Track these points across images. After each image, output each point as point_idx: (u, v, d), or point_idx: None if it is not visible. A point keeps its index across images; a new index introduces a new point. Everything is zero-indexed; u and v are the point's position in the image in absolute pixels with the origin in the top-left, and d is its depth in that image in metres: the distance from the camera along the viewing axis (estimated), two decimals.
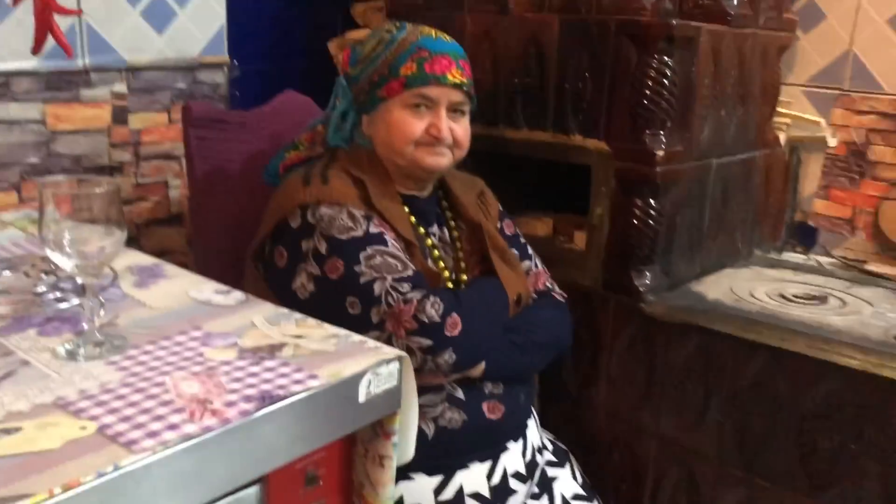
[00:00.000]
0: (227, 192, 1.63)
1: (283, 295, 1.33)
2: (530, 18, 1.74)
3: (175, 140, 1.93)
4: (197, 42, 1.94)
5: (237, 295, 1.13)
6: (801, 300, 1.68)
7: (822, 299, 1.68)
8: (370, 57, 1.42)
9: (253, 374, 0.88)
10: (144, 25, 1.85)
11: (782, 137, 2.05)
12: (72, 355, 0.92)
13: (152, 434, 0.75)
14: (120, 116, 1.84)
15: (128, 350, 0.93)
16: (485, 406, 1.38)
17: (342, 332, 1.02)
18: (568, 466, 1.56)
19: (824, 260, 2.04)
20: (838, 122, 2.07)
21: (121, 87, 1.83)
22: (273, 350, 0.95)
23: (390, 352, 0.96)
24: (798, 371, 1.46)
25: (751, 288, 1.74)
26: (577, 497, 1.52)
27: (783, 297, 1.69)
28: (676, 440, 1.64)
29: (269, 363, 0.91)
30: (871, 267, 1.93)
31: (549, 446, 1.57)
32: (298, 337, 0.99)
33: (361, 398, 0.91)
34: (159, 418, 0.78)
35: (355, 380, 0.90)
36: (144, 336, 0.97)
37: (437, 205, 1.52)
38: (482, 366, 1.35)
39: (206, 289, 1.14)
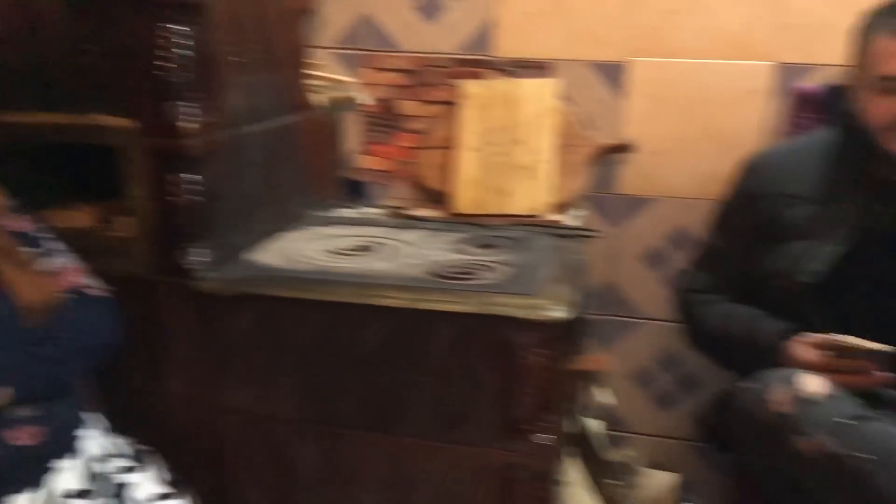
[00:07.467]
0: None
1: None
2: None
3: None
4: None
5: None
6: (350, 252, 1.76)
7: (369, 248, 1.79)
8: None
9: None
10: None
11: (323, 99, 2.11)
12: None
13: None
14: None
15: None
16: (12, 433, 1.23)
17: None
18: (148, 468, 1.47)
19: (375, 212, 2.17)
20: (368, 81, 2.20)
21: None
22: None
23: None
24: (352, 320, 1.53)
25: (301, 248, 1.78)
26: (157, 498, 1.44)
27: (332, 252, 1.76)
28: (253, 410, 1.63)
29: None
30: (413, 212, 2.10)
31: (125, 451, 1.47)
32: None
33: None
34: None
35: None
36: None
37: None
38: (10, 392, 1.20)
39: None
